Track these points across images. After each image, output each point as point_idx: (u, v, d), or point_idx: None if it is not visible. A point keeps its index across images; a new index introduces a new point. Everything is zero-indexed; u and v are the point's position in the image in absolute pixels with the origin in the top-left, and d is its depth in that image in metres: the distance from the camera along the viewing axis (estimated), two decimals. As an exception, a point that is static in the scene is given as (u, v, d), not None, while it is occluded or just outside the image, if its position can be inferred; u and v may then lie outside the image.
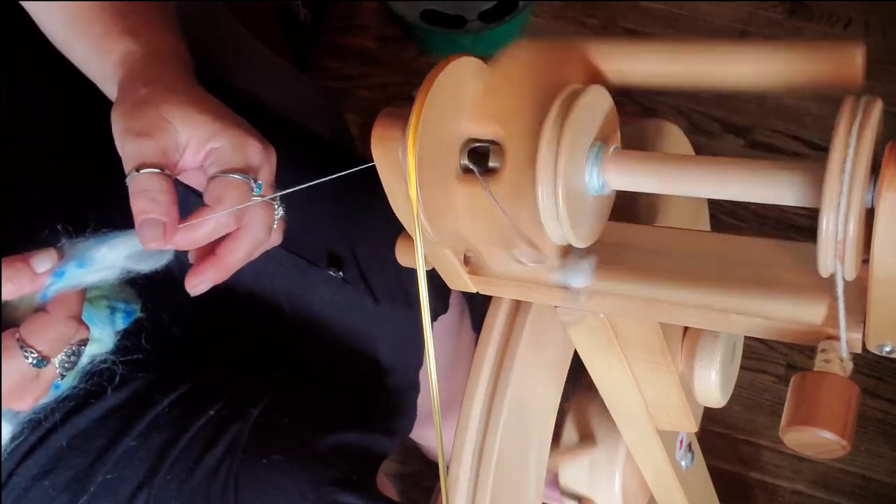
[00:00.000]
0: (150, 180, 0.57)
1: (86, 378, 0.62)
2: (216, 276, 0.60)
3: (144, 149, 0.58)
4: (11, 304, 0.57)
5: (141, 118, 0.59)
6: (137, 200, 0.56)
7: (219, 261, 0.60)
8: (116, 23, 0.66)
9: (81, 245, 0.58)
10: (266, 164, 0.61)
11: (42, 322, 0.56)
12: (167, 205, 0.56)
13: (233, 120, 0.61)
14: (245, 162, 0.60)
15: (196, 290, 0.60)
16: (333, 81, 1.69)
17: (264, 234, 0.61)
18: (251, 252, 0.61)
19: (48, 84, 0.81)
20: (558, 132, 0.45)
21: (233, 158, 0.59)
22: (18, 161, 0.75)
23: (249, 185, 0.59)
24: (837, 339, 0.45)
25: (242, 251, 0.60)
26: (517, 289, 0.55)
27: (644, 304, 0.51)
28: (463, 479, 0.60)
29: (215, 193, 0.58)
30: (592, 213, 0.49)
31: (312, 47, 1.71)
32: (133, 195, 0.57)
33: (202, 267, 0.60)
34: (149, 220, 0.56)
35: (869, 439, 1.33)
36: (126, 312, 0.63)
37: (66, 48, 0.70)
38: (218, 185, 0.58)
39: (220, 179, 0.58)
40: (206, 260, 0.60)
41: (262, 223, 0.61)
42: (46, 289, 0.56)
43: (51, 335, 0.56)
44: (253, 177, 0.59)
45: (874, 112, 0.41)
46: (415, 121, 0.45)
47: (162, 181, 0.57)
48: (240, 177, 0.59)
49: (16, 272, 0.55)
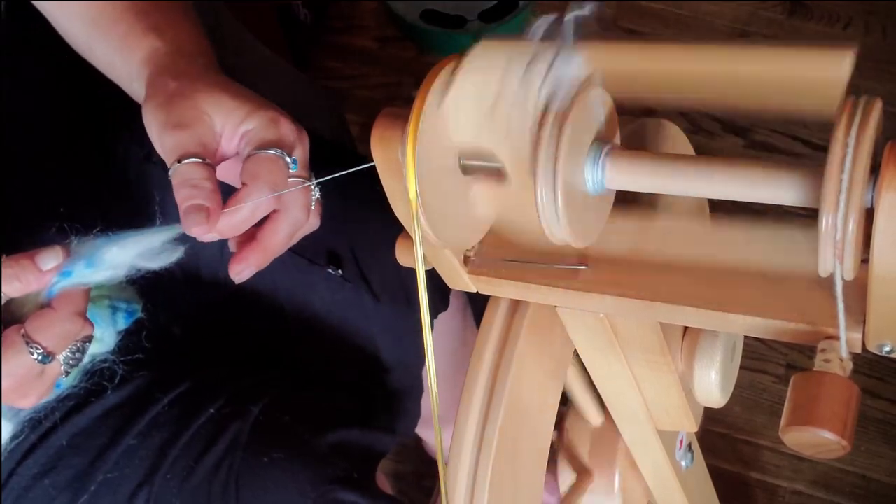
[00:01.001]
0: (192, 169, 0.57)
1: (86, 377, 0.62)
2: (259, 261, 0.60)
3: (184, 140, 0.58)
4: (18, 302, 0.57)
5: (176, 111, 0.59)
6: (181, 189, 0.57)
7: (260, 245, 0.60)
8: (140, 21, 0.66)
9: (89, 244, 0.58)
10: (300, 144, 0.61)
11: (48, 318, 0.56)
12: (210, 191, 0.56)
13: (262, 102, 0.62)
14: (278, 136, 0.60)
15: (240, 276, 0.60)
16: (333, 81, 1.69)
17: (303, 215, 0.61)
18: (291, 234, 0.61)
19: (48, 84, 0.81)
20: (557, 131, 0.45)
21: (265, 135, 0.59)
22: (18, 161, 0.75)
23: (284, 160, 0.59)
24: (837, 339, 0.45)
25: (283, 233, 0.60)
26: (517, 288, 0.55)
27: (644, 304, 0.51)
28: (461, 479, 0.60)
29: (252, 170, 0.58)
30: (592, 212, 0.49)
31: (312, 47, 1.71)
32: (177, 185, 0.57)
33: (244, 253, 0.60)
34: (193, 206, 0.56)
35: (869, 439, 1.33)
36: (127, 312, 0.63)
37: (88, 50, 0.70)
38: (253, 162, 0.58)
39: (254, 157, 0.58)
40: (247, 245, 0.60)
41: (300, 204, 0.60)
42: (53, 287, 0.56)
43: (56, 331, 0.56)
44: (287, 152, 0.59)
45: (874, 112, 0.41)
46: (415, 121, 0.45)
47: (204, 169, 0.57)
48: (274, 152, 0.59)
49: (22, 270, 0.55)
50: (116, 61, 0.68)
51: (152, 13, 0.67)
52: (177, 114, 0.59)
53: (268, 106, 0.61)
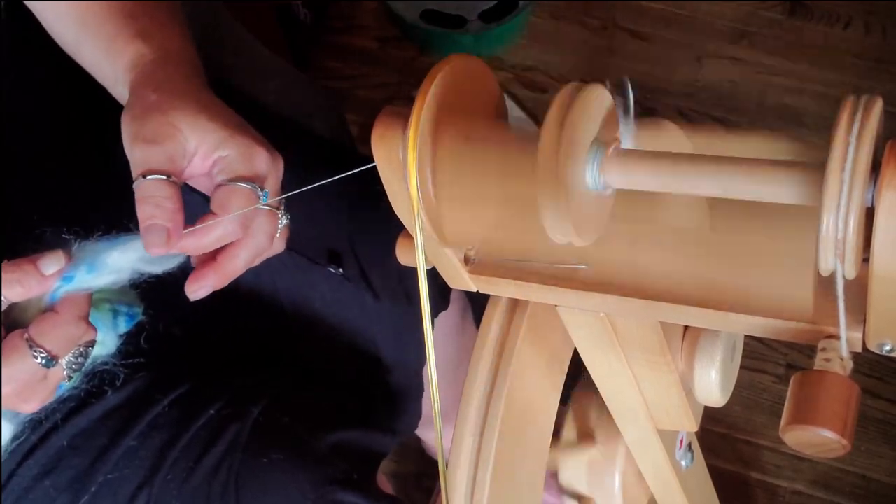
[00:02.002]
0: (156, 186, 0.57)
1: (86, 379, 0.63)
2: (216, 282, 0.60)
3: (151, 155, 0.58)
4: (21, 306, 0.57)
5: (149, 124, 0.59)
6: (143, 206, 0.57)
7: (219, 267, 0.60)
8: (128, 25, 0.66)
9: (91, 248, 0.58)
10: (273, 173, 0.62)
11: (51, 322, 0.56)
12: (171, 211, 0.57)
13: (241, 127, 0.62)
14: (252, 171, 0.60)
15: (195, 295, 0.60)
16: (333, 81, 1.69)
17: (266, 242, 0.61)
18: (251, 260, 0.62)
19: (48, 84, 0.81)
20: (558, 130, 0.45)
21: (240, 167, 0.60)
22: (18, 161, 0.75)
23: (256, 193, 0.60)
24: (837, 338, 0.45)
25: (243, 258, 0.61)
26: (516, 287, 0.55)
27: (644, 304, 0.51)
28: (461, 479, 0.60)
29: (221, 201, 0.58)
30: (593, 211, 0.49)
31: (312, 47, 1.71)
32: (138, 201, 0.57)
33: (202, 272, 0.60)
34: (153, 226, 0.56)
35: (869, 439, 1.33)
36: (129, 316, 0.64)
37: (76, 51, 0.70)
38: (224, 193, 0.59)
39: (227, 188, 0.59)
40: (206, 265, 0.60)
41: (264, 232, 0.61)
42: (55, 291, 0.56)
43: (60, 335, 0.56)
44: (260, 185, 0.60)
45: (874, 111, 0.41)
46: (415, 120, 0.45)
47: (167, 187, 0.57)
48: (247, 185, 0.59)
49: (24, 274, 0.55)
50: (103, 63, 0.68)
51: (140, 17, 0.67)
52: (150, 128, 0.59)
53: (245, 133, 0.61)
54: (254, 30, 1.05)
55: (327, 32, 1.75)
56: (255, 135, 0.62)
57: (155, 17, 0.67)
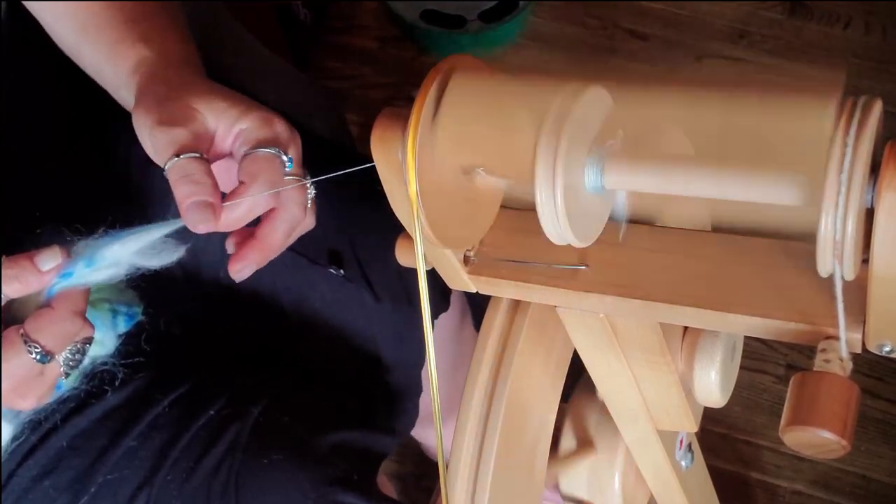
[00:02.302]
0: (192, 164, 0.57)
1: (86, 379, 0.62)
2: (258, 259, 0.60)
3: (178, 136, 0.58)
4: (18, 303, 0.57)
5: (168, 109, 0.59)
6: (181, 185, 0.56)
7: (259, 243, 0.60)
8: (130, 29, 0.66)
9: (89, 244, 0.58)
10: (293, 143, 0.61)
11: (47, 318, 0.56)
12: (212, 186, 0.56)
13: (255, 103, 0.62)
14: (274, 135, 0.60)
15: (240, 274, 0.60)
16: (333, 81, 1.69)
17: (300, 212, 0.61)
18: (289, 231, 0.61)
19: (48, 84, 0.81)
20: (557, 132, 0.45)
21: (260, 134, 0.60)
22: (18, 161, 0.75)
23: (281, 158, 0.59)
24: (837, 339, 0.45)
25: (282, 231, 0.60)
26: (517, 288, 0.55)
27: (644, 304, 0.51)
28: (462, 479, 0.60)
29: (249, 169, 0.58)
30: (592, 212, 0.49)
31: (312, 47, 1.71)
32: (176, 181, 0.56)
33: (243, 251, 0.60)
34: (197, 203, 0.56)
35: (869, 439, 1.33)
36: (128, 315, 0.63)
37: (76, 54, 0.70)
38: (250, 161, 0.58)
39: (251, 156, 0.58)
40: (246, 244, 0.60)
41: (297, 202, 0.61)
42: (52, 287, 0.56)
43: (55, 330, 0.56)
44: (283, 151, 0.59)
45: (873, 112, 0.41)
46: (415, 121, 0.45)
47: (202, 164, 0.57)
48: (271, 150, 0.59)
49: (21, 270, 0.55)
50: (104, 67, 0.68)
51: (141, 22, 0.67)
52: (169, 112, 0.59)
53: (260, 106, 0.61)
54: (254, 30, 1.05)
55: (327, 32, 1.75)
56: (270, 110, 0.62)
57: (156, 20, 0.67)
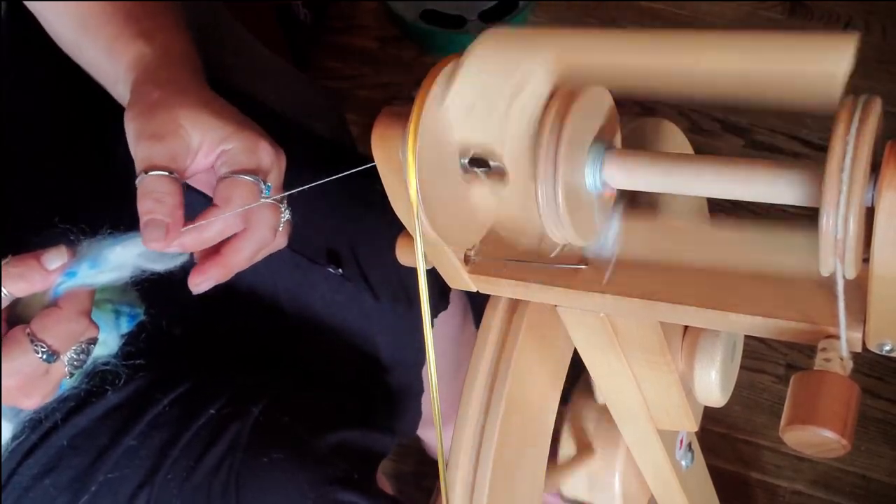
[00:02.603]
0: (157, 182, 0.57)
1: (87, 378, 0.63)
2: (219, 275, 0.60)
3: (154, 152, 0.58)
4: (24, 302, 0.57)
5: (153, 121, 0.59)
6: (143, 201, 0.57)
7: (222, 259, 0.60)
8: (129, 26, 0.66)
9: (94, 245, 0.58)
10: (276, 167, 0.62)
11: (54, 317, 0.56)
12: (172, 206, 0.57)
13: (244, 123, 0.62)
14: (256, 164, 0.60)
15: (198, 288, 0.60)
16: (333, 81, 1.69)
17: (269, 235, 0.61)
18: (255, 253, 0.61)
19: (48, 84, 0.81)
20: (558, 131, 0.45)
21: (243, 160, 0.60)
22: (18, 161, 0.75)
23: (259, 186, 0.60)
24: (837, 338, 0.45)
25: (247, 251, 0.61)
26: (517, 287, 0.55)
27: (644, 304, 0.51)
28: (461, 479, 0.60)
29: (224, 194, 0.58)
30: (593, 211, 0.49)
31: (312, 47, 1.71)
32: (139, 196, 0.57)
33: (205, 266, 0.60)
34: (152, 221, 0.56)
35: (869, 439, 1.33)
36: (130, 316, 0.64)
37: (75, 50, 0.70)
38: (227, 186, 0.59)
39: (230, 180, 0.59)
40: (209, 259, 0.60)
41: (267, 225, 0.61)
42: (58, 287, 0.56)
43: (62, 330, 0.56)
44: (262, 179, 0.60)
45: (874, 111, 0.41)
46: (415, 120, 0.45)
47: (168, 183, 0.57)
48: (250, 178, 0.59)
49: (27, 269, 0.56)
50: (103, 63, 0.68)
51: (142, 19, 0.67)
52: (154, 125, 0.59)
53: (248, 127, 0.62)
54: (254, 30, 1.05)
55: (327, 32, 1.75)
56: (259, 130, 0.62)
57: (156, 18, 0.67)
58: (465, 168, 0.50)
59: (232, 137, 0.60)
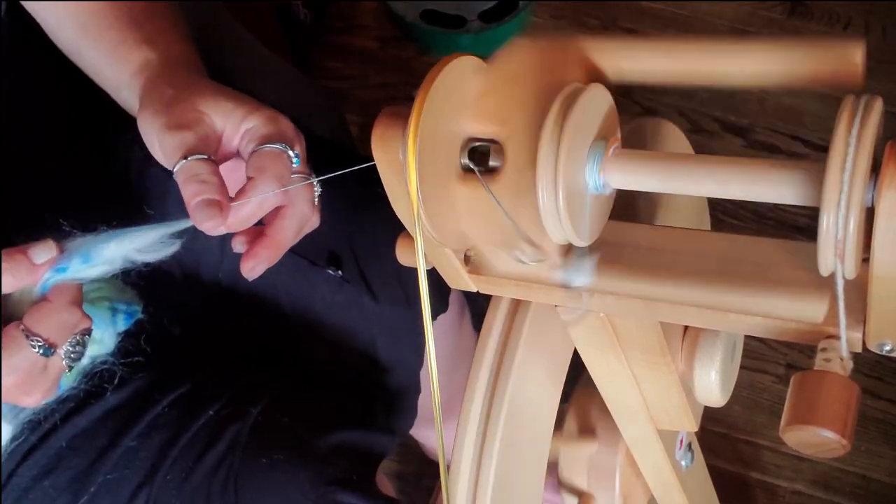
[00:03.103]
0: (199, 165, 0.57)
1: (86, 379, 0.62)
2: (271, 256, 0.60)
3: (186, 139, 0.58)
4: (15, 300, 0.57)
5: (175, 112, 0.60)
6: (189, 185, 0.57)
7: (270, 240, 0.60)
8: (132, 31, 0.66)
9: (86, 240, 0.58)
10: (298, 140, 0.62)
11: (45, 310, 0.56)
12: (219, 185, 0.57)
13: (259, 102, 0.62)
14: (279, 132, 0.60)
15: (253, 272, 0.60)
16: (333, 81, 1.69)
17: (309, 209, 0.61)
18: (299, 228, 0.61)
19: (48, 84, 0.81)
20: (558, 131, 0.45)
21: (267, 131, 0.60)
22: (18, 161, 0.75)
23: (287, 154, 0.59)
24: (837, 338, 0.45)
25: (291, 228, 0.61)
26: (517, 288, 0.55)
27: (644, 304, 0.51)
28: (463, 479, 0.60)
29: (257, 164, 0.58)
30: (593, 211, 0.49)
31: (312, 47, 1.71)
32: (184, 182, 0.57)
33: (255, 249, 0.60)
34: (205, 201, 0.56)
35: (869, 439, 1.33)
36: (127, 314, 0.63)
37: (76, 54, 0.70)
38: (258, 157, 0.59)
39: (259, 151, 0.59)
40: (257, 242, 0.60)
41: (305, 198, 0.61)
42: (47, 282, 0.56)
43: (54, 321, 0.56)
44: (290, 146, 0.60)
45: (874, 111, 0.41)
46: (415, 120, 0.45)
47: (210, 165, 0.58)
48: (277, 146, 0.59)
49: (15, 263, 0.55)
50: (105, 68, 0.68)
51: (144, 23, 0.67)
52: (176, 115, 0.60)
53: (264, 105, 0.62)
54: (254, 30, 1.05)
55: (327, 32, 1.75)
56: (274, 109, 0.62)
57: (158, 22, 0.67)
58: (465, 168, 0.50)
59: (251, 115, 0.61)
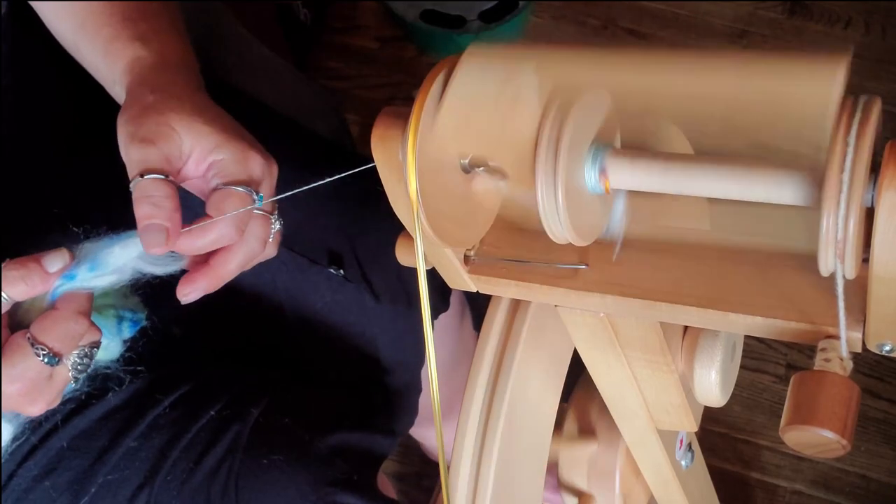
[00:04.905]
0: (154, 186, 0.57)
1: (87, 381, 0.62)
2: (208, 286, 0.60)
3: (149, 155, 0.58)
4: (24, 308, 0.57)
5: (146, 125, 0.59)
6: (141, 205, 0.57)
7: (211, 270, 0.60)
8: (126, 28, 0.66)
9: (93, 247, 0.58)
10: (267, 178, 0.62)
11: (52, 318, 0.56)
12: (170, 210, 0.57)
13: (236, 132, 0.62)
14: (247, 174, 0.60)
15: (187, 298, 0.60)
16: (333, 81, 1.69)
17: (259, 247, 0.62)
18: (243, 264, 0.62)
19: (48, 84, 0.81)
20: (557, 131, 0.45)
21: (235, 171, 0.60)
22: (19, 161, 0.75)
23: (251, 197, 0.59)
24: (837, 339, 0.45)
25: (235, 262, 0.61)
26: (517, 288, 0.55)
27: (644, 304, 0.51)
28: (463, 479, 0.60)
29: (217, 204, 0.58)
30: (593, 211, 0.49)
31: (312, 47, 1.71)
32: (136, 200, 0.57)
33: (194, 276, 0.60)
34: (151, 225, 0.56)
35: (869, 439, 1.33)
36: (133, 321, 0.64)
37: (74, 50, 0.70)
38: (220, 197, 0.59)
39: (222, 191, 0.59)
40: (198, 269, 0.60)
41: (257, 237, 0.61)
42: (56, 290, 0.56)
43: (61, 331, 0.55)
44: (255, 189, 0.60)
45: (874, 111, 0.41)
46: (415, 120, 0.45)
47: (165, 187, 0.57)
48: (242, 189, 0.59)
49: (28, 272, 0.55)
50: (100, 64, 0.68)
51: (140, 22, 0.67)
52: (146, 128, 0.59)
53: (240, 137, 0.61)
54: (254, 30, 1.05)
55: (327, 32, 1.75)
56: (251, 139, 0.62)
57: (154, 22, 0.67)
58: (465, 167, 0.50)
59: (223, 147, 0.60)
